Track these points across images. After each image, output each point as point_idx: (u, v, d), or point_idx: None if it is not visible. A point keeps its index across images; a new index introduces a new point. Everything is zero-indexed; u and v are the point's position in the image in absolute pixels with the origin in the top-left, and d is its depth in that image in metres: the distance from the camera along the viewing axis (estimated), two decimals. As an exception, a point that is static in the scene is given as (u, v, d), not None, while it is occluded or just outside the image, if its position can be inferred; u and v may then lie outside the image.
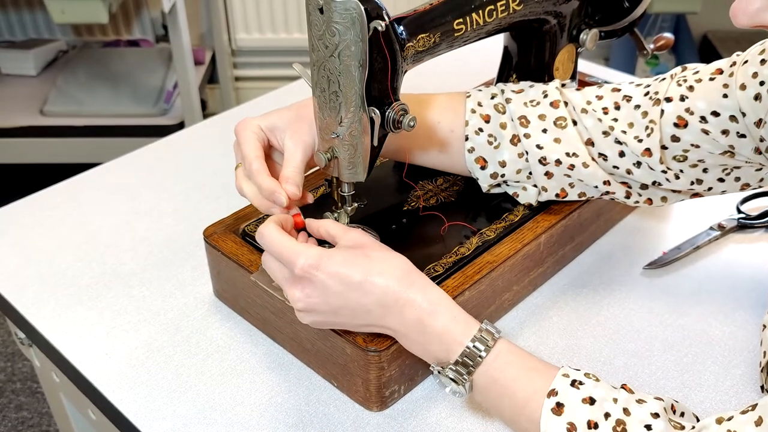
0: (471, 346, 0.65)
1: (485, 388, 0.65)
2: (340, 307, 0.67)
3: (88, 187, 1.07)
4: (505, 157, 0.83)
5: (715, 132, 0.74)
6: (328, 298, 0.67)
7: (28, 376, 1.94)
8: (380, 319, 0.67)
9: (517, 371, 0.64)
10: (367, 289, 0.66)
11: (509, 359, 0.65)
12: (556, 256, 0.89)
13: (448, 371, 0.65)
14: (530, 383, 0.63)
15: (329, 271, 0.66)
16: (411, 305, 0.66)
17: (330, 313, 0.68)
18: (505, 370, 0.65)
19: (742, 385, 0.77)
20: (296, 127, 0.77)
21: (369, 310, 0.67)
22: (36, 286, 0.90)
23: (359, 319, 0.68)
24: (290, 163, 0.75)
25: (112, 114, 2.31)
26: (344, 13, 0.64)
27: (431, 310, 0.66)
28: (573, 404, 0.60)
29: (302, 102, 0.80)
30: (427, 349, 0.67)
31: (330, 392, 0.76)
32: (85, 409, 0.93)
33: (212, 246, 0.82)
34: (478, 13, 0.76)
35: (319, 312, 0.68)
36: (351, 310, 0.67)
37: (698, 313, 0.86)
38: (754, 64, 0.71)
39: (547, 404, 0.61)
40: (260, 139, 0.77)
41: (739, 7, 0.57)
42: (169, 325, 0.84)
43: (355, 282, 0.66)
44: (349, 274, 0.66)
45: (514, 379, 0.64)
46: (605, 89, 0.82)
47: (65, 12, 1.93)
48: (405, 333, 0.67)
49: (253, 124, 0.77)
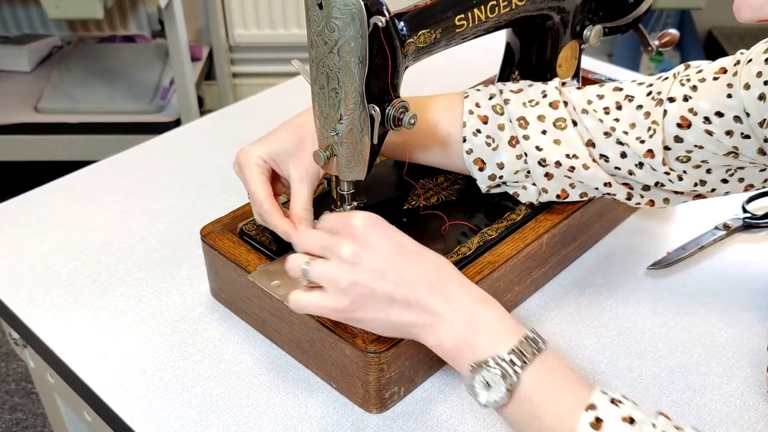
0: (525, 338, 0.62)
1: (530, 390, 0.60)
2: (387, 271, 0.64)
3: (83, 185, 1.07)
4: (503, 159, 0.83)
5: (719, 133, 0.74)
6: (379, 254, 0.64)
7: (23, 377, 1.94)
8: (425, 295, 0.63)
9: (565, 373, 0.62)
10: (421, 257, 0.65)
11: (556, 362, 0.62)
12: (559, 256, 0.89)
13: (497, 365, 0.60)
14: (577, 391, 0.60)
15: (387, 231, 0.66)
16: (463, 287, 0.64)
17: (375, 276, 0.64)
18: (557, 368, 0.62)
19: (747, 387, 0.77)
20: (300, 157, 0.77)
21: (415, 282, 0.64)
22: (30, 285, 0.90)
23: (403, 290, 0.63)
24: (298, 200, 0.76)
25: (108, 111, 2.31)
26: (344, 8, 0.64)
27: (484, 298, 0.65)
28: (612, 421, 0.58)
29: (300, 120, 0.80)
30: (469, 340, 0.62)
31: (329, 394, 0.76)
32: (80, 410, 0.93)
33: (209, 245, 0.82)
34: (480, 8, 0.76)
35: (364, 271, 0.64)
36: (399, 276, 0.64)
37: (703, 314, 0.86)
38: (758, 63, 0.71)
39: (585, 417, 0.58)
40: (265, 171, 0.77)
41: (742, 1, 0.57)
42: (165, 325, 0.84)
43: (410, 249, 0.66)
44: (406, 240, 0.66)
45: (564, 382, 0.61)
46: (606, 88, 0.82)
47: (60, 7, 1.93)
48: (448, 318, 0.62)
49: (254, 155, 0.77)
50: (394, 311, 0.64)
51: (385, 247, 0.65)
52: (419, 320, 0.64)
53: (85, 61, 2.50)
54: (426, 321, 0.64)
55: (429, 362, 0.77)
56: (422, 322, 0.64)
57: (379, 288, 0.64)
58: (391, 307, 0.64)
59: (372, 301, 0.65)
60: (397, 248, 0.66)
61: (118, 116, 2.29)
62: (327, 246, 0.67)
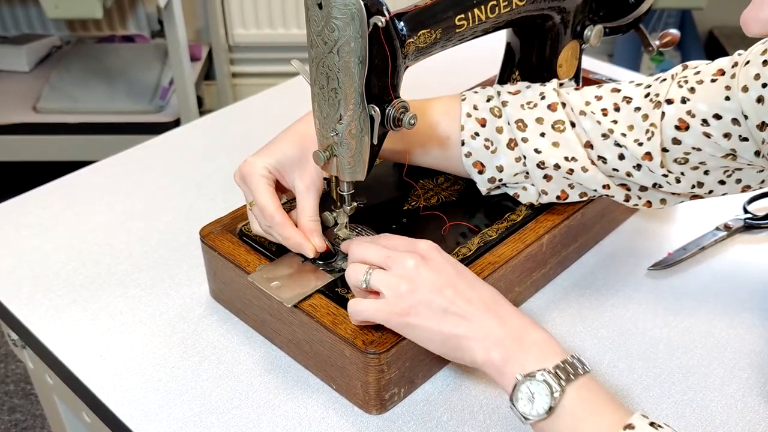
0: (571, 358, 0.63)
1: (573, 405, 0.61)
2: (445, 287, 0.66)
3: (82, 186, 1.07)
4: (502, 162, 0.83)
5: (716, 135, 0.74)
6: (440, 272, 0.67)
7: (22, 378, 1.94)
8: (479, 312, 0.66)
9: (607, 395, 0.63)
10: (478, 282, 0.69)
11: (597, 385, 0.63)
12: (559, 256, 0.89)
13: (544, 375, 0.61)
14: (617, 412, 0.61)
15: (447, 256, 0.70)
16: (515, 311, 0.67)
17: (434, 288, 0.66)
18: (599, 390, 0.63)
19: (748, 389, 0.77)
20: (305, 167, 0.78)
21: (471, 299, 0.66)
22: (29, 286, 0.90)
23: (459, 303, 0.66)
24: (306, 211, 0.78)
25: (107, 111, 2.31)
26: (343, 8, 0.64)
27: (534, 323, 0.66)
28: None
29: (302, 129, 0.80)
30: (517, 356, 0.63)
31: (328, 395, 0.76)
32: (79, 411, 0.93)
33: (209, 246, 0.82)
34: (481, 8, 0.76)
35: (424, 283, 0.67)
36: (455, 292, 0.66)
37: (704, 314, 0.86)
38: (756, 65, 0.70)
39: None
40: (271, 182, 0.78)
41: (750, 14, 0.55)
42: (164, 326, 0.84)
43: (468, 273, 0.69)
44: (464, 267, 0.70)
45: (605, 402, 0.62)
46: (605, 89, 0.82)
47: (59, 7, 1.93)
48: (499, 334, 0.65)
49: (259, 166, 0.78)
50: (447, 322, 0.66)
51: (445, 267, 0.68)
52: (471, 333, 0.66)
53: (84, 61, 2.50)
54: (478, 335, 0.65)
55: (429, 363, 0.77)
56: (474, 335, 0.65)
57: (436, 299, 0.66)
58: (445, 317, 0.66)
59: (428, 309, 0.67)
60: (457, 270, 0.69)
61: (117, 116, 2.29)
62: (390, 257, 0.69)
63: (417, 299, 0.66)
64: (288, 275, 0.77)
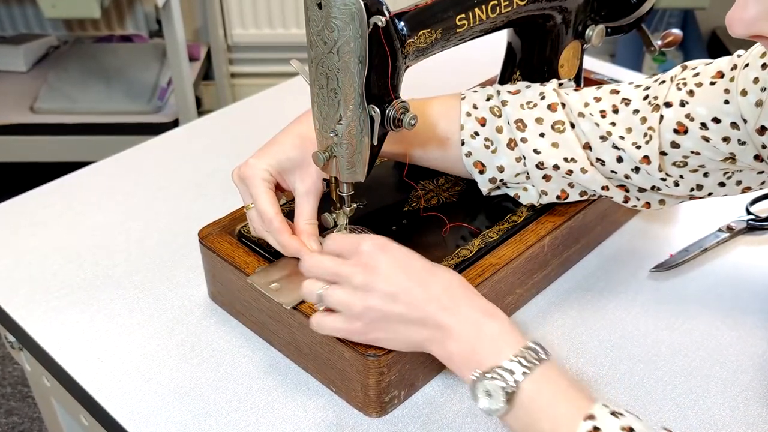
0: (526, 349, 0.63)
1: (529, 398, 0.61)
2: (398, 294, 0.66)
3: (80, 187, 1.07)
4: (503, 162, 0.83)
5: (715, 139, 0.74)
6: (390, 279, 0.67)
7: (19, 381, 1.94)
8: (435, 313, 0.66)
9: (568, 383, 0.63)
10: (431, 274, 0.68)
11: (556, 373, 0.63)
12: (560, 258, 0.89)
13: (497, 375, 0.62)
14: (577, 401, 0.61)
15: (395, 255, 0.69)
16: (471, 301, 0.67)
17: (388, 300, 0.66)
18: (558, 379, 0.63)
19: (751, 392, 0.77)
20: (306, 170, 0.78)
21: (425, 301, 0.66)
22: (26, 288, 0.90)
23: (414, 310, 0.66)
24: (304, 213, 0.78)
25: (105, 111, 2.31)
26: (343, 8, 0.64)
27: (492, 311, 0.67)
28: (611, 431, 0.58)
29: (304, 130, 0.80)
30: (475, 352, 0.64)
31: (328, 398, 0.76)
32: (77, 414, 0.93)
33: (207, 247, 0.82)
34: (481, 8, 0.76)
35: (376, 296, 0.67)
36: (410, 297, 0.66)
37: (706, 317, 0.86)
38: (755, 68, 0.70)
39: (583, 426, 0.59)
40: (271, 185, 0.78)
41: (734, 15, 0.55)
42: (163, 328, 0.84)
43: (419, 268, 0.68)
44: (414, 260, 0.69)
45: (565, 391, 0.62)
46: (604, 90, 0.82)
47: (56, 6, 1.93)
48: (457, 332, 0.65)
49: (260, 168, 0.78)
50: (407, 330, 0.67)
51: (394, 271, 0.68)
52: (431, 336, 0.67)
53: (82, 61, 2.50)
54: (436, 336, 0.66)
55: (429, 366, 0.77)
56: (433, 337, 0.66)
57: (392, 310, 0.67)
58: (404, 326, 0.67)
59: (386, 323, 0.68)
60: (407, 270, 0.68)
61: (115, 117, 2.29)
62: (338, 274, 0.69)
63: (372, 316, 0.67)
64: (287, 277, 0.77)
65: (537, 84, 0.85)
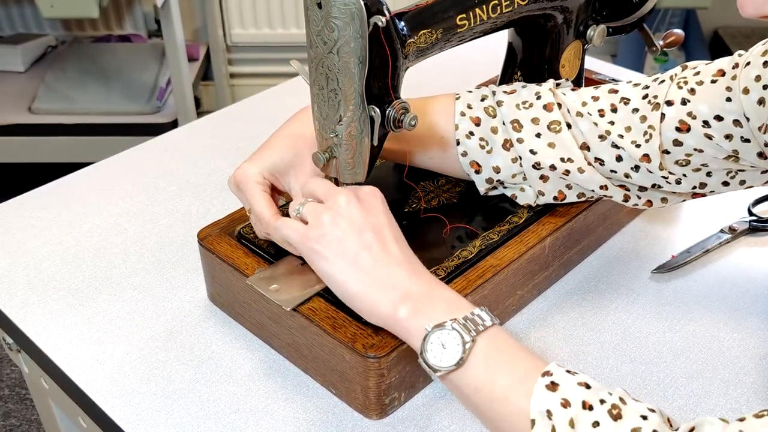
0: (478, 312, 0.64)
1: (486, 354, 0.62)
2: (367, 230, 0.68)
3: (78, 188, 1.07)
4: (498, 163, 0.83)
5: (718, 137, 0.74)
6: (368, 217, 0.69)
7: (17, 383, 1.94)
8: (392, 265, 0.67)
9: (519, 345, 0.64)
10: (402, 242, 0.70)
11: (508, 336, 0.65)
12: (562, 259, 0.89)
13: (453, 325, 0.62)
14: (531, 361, 0.63)
15: (386, 209, 0.71)
16: (426, 272, 0.69)
17: (353, 229, 0.68)
18: (510, 341, 0.64)
19: (753, 394, 0.77)
20: (300, 168, 0.78)
21: (390, 252, 0.68)
22: (24, 289, 0.90)
23: (373, 251, 0.67)
24: None
25: (103, 112, 2.31)
26: (343, 8, 0.64)
27: (442, 284, 0.68)
28: (568, 385, 0.60)
29: (295, 130, 0.80)
30: (425, 307, 0.65)
31: (328, 400, 0.77)
32: (75, 416, 0.93)
33: (207, 249, 0.82)
34: (482, 8, 0.76)
35: (345, 221, 0.68)
36: (375, 238, 0.68)
37: (708, 318, 0.86)
38: (756, 66, 0.71)
39: (541, 381, 0.60)
40: (266, 188, 0.78)
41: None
42: (162, 330, 0.84)
43: (398, 231, 0.71)
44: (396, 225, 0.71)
45: (518, 351, 0.63)
46: (602, 90, 0.82)
47: (54, 6, 1.94)
48: (408, 291, 0.66)
49: (254, 173, 0.78)
50: (356, 264, 0.67)
51: (377, 213, 0.70)
52: (378, 282, 0.67)
53: (80, 61, 2.50)
54: (385, 285, 0.67)
55: (430, 367, 0.77)
56: (381, 286, 0.67)
57: (353, 237, 0.68)
58: (356, 258, 0.67)
59: (339, 245, 0.67)
60: (388, 221, 0.70)
61: (113, 117, 2.30)
62: (329, 191, 0.71)
63: (333, 232, 0.68)
64: (287, 278, 0.77)
65: (533, 84, 0.85)
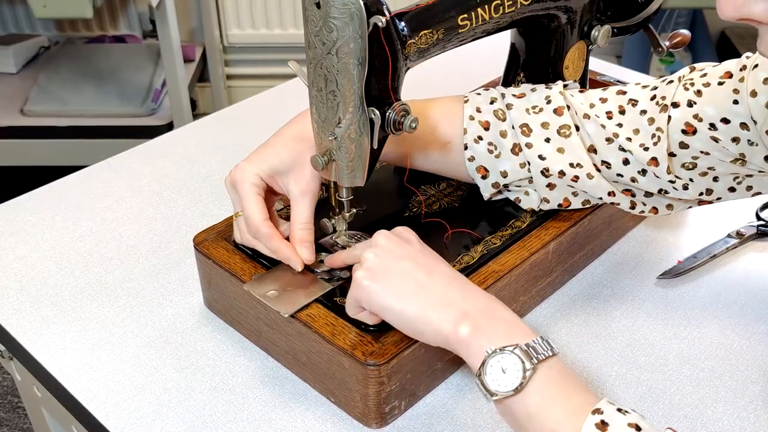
0: (540, 339, 0.64)
1: (543, 384, 0.62)
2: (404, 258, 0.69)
3: (72, 192, 1.07)
4: (506, 167, 0.83)
5: (725, 139, 0.74)
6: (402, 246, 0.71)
7: (9, 390, 1.94)
8: (441, 285, 0.68)
9: (575, 378, 0.64)
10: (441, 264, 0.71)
11: (566, 367, 0.64)
12: (565, 265, 0.89)
13: (514, 352, 0.62)
14: (585, 396, 0.62)
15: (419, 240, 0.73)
16: (479, 289, 0.70)
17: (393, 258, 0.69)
18: (568, 373, 0.64)
19: (761, 402, 0.77)
20: (300, 171, 0.78)
21: (433, 273, 0.69)
22: (16, 295, 0.90)
23: (417, 275, 0.68)
24: (299, 217, 0.78)
25: (97, 114, 2.31)
26: (342, 8, 0.64)
27: (498, 300, 0.69)
28: (618, 426, 0.59)
29: (296, 132, 0.80)
30: (485, 329, 0.65)
31: (327, 408, 0.77)
32: (68, 424, 0.93)
33: (203, 254, 0.82)
34: (484, 8, 0.76)
35: (385, 252, 0.70)
36: (414, 264, 0.69)
37: (715, 325, 0.86)
38: (764, 69, 0.71)
39: (591, 419, 0.60)
40: (261, 191, 0.78)
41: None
42: (157, 337, 0.84)
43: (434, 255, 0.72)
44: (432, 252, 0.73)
45: (574, 384, 0.63)
46: (610, 91, 0.82)
47: (47, 6, 1.94)
48: (466, 310, 0.66)
49: (251, 173, 0.78)
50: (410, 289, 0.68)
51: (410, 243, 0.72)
52: (435, 304, 0.67)
53: (74, 62, 2.50)
54: (442, 305, 0.67)
55: (431, 375, 0.77)
56: (439, 306, 0.67)
57: (398, 264, 0.69)
58: (406, 281, 0.68)
59: (388, 277, 0.69)
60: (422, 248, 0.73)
61: (107, 119, 2.30)
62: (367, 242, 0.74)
63: (380, 266, 0.69)
64: (285, 284, 0.77)
65: (542, 86, 0.85)
